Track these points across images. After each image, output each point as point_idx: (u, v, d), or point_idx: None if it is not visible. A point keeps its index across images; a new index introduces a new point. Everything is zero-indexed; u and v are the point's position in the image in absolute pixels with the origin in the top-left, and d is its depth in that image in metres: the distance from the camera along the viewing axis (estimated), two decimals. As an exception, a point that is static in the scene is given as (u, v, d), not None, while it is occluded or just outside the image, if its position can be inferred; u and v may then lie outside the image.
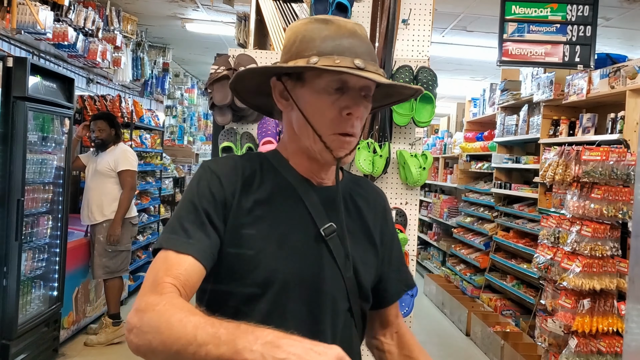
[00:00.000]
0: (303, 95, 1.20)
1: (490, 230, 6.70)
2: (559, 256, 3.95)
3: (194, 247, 1.10)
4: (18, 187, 3.81)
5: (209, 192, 1.17)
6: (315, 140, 1.20)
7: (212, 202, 1.16)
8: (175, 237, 1.11)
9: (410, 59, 3.00)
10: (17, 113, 3.80)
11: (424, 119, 2.90)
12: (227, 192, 1.18)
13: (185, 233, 1.11)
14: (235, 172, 1.22)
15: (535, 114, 5.63)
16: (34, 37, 4.90)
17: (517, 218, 6.14)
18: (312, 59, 1.15)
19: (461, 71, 9.36)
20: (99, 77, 7.31)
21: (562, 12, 4.67)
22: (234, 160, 1.26)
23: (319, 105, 1.18)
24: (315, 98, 1.18)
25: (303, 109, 1.20)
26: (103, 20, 6.10)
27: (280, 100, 1.25)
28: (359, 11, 3.00)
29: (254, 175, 1.23)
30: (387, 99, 1.37)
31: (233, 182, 1.20)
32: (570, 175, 3.90)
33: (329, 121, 1.18)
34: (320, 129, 1.19)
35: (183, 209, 1.17)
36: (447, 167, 9.09)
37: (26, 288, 4.14)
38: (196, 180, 1.20)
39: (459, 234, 7.73)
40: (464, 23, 6.47)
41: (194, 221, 1.14)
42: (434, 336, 6.04)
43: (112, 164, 4.99)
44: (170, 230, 1.14)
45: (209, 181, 1.18)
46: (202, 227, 1.13)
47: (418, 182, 2.91)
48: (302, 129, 1.22)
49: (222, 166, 1.22)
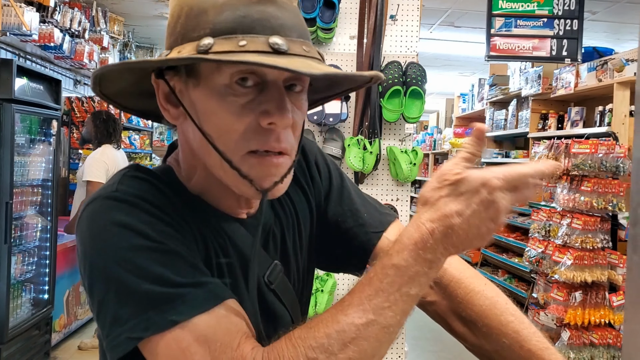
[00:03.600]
0: (199, 98, 0.80)
1: (481, 225, 6.72)
2: (550, 249, 3.97)
3: (217, 288, 0.77)
4: (6, 190, 3.77)
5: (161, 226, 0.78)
6: (223, 167, 0.80)
7: (178, 239, 0.78)
8: (177, 302, 0.72)
9: (399, 54, 3.00)
10: (4, 115, 3.76)
11: (413, 115, 2.90)
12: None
13: (189, 287, 0.74)
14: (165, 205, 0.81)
15: (524, 109, 5.66)
16: (19, 39, 4.85)
17: (508, 212, 6.16)
18: (204, 41, 0.75)
19: (449, 67, 9.38)
20: (87, 78, 7.26)
21: (549, 6, 4.69)
22: (154, 186, 0.83)
23: (223, 113, 0.78)
24: (215, 102, 0.78)
25: (200, 120, 0.80)
26: (89, 21, 6.06)
27: (167, 107, 0.84)
28: (347, 7, 2.99)
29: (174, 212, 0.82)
30: (335, 88, 0.96)
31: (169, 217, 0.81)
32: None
33: (239, 136, 0.78)
34: (229, 149, 0.79)
35: (143, 266, 0.74)
36: (437, 163, 9.12)
37: (16, 291, 4.10)
38: (126, 221, 0.76)
39: (450, 230, 7.75)
40: (452, 19, 6.48)
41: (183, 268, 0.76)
42: (427, 331, 6.04)
43: (80, 172, 4.65)
44: (151, 303, 0.72)
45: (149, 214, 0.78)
46: (197, 271, 0.78)
47: (409, 178, 2.91)
48: (202, 150, 0.82)
49: (147, 193, 0.80)
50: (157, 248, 0.75)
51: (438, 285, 1.01)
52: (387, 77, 2.87)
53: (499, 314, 0.96)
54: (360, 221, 1.04)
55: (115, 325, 0.73)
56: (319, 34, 2.89)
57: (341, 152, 2.89)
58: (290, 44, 0.76)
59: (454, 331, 1.01)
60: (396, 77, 2.87)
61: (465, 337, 0.99)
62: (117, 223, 0.75)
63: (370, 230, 1.04)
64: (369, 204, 1.09)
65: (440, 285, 1.01)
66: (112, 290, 0.73)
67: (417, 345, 4.81)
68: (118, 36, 6.85)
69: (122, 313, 0.72)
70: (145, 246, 0.74)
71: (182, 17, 0.79)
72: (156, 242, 0.75)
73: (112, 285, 0.73)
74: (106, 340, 0.74)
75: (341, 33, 3.00)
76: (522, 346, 0.92)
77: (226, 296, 0.76)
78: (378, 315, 0.70)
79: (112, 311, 0.73)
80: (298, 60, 0.75)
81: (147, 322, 0.71)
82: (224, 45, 0.74)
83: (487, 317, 0.96)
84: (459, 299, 0.99)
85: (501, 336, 0.94)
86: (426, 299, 1.02)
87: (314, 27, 2.86)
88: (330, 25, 2.88)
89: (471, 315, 0.97)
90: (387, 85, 2.85)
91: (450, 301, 1.00)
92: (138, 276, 0.72)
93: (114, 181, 0.83)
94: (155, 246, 0.75)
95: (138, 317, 0.71)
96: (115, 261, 0.73)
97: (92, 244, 0.77)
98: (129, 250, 0.74)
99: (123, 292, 0.72)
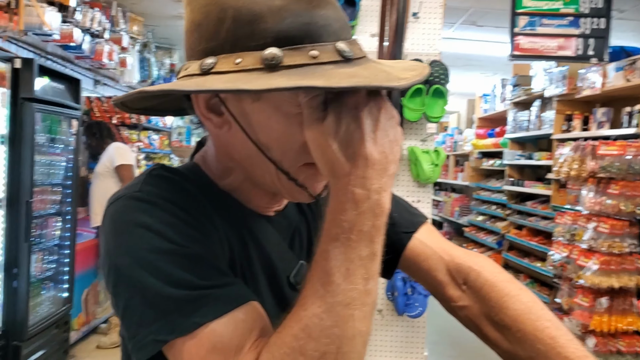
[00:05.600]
0: (256, 111, 0.75)
1: (502, 228, 6.62)
2: (575, 254, 3.88)
3: (239, 290, 0.74)
4: (26, 189, 3.79)
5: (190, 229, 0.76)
6: (279, 177, 0.79)
7: (200, 241, 0.76)
8: (199, 304, 0.71)
9: (421, 53, 2.93)
10: (25, 114, 3.77)
11: (435, 114, 2.84)
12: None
13: (208, 289, 0.72)
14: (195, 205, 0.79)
15: (548, 109, 5.56)
16: (40, 39, 4.87)
17: (530, 215, 6.06)
18: (270, 51, 0.68)
19: (471, 67, 9.27)
20: (106, 78, 7.29)
21: (575, 4, 4.58)
22: (179, 185, 0.80)
23: (285, 127, 0.74)
24: (279, 117, 0.74)
25: (255, 132, 0.76)
26: (109, 21, 6.07)
27: (209, 115, 0.79)
28: (368, 5, 2.94)
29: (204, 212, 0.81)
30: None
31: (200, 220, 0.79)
32: (585, 171, 3.83)
33: (298, 149, 0.76)
34: (285, 160, 0.77)
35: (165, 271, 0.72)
36: (458, 165, 9.01)
37: (36, 290, 4.12)
38: (150, 222, 0.74)
39: (471, 233, 7.66)
40: (474, 18, 6.39)
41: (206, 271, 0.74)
42: (447, 336, 5.96)
43: (108, 163, 4.99)
44: (175, 306, 0.71)
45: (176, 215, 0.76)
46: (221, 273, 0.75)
47: (430, 179, 2.85)
48: (252, 160, 0.79)
49: (172, 194, 0.78)
50: (179, 251, 0.73)
51: (470, 289, 0.97)
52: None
53: (535, 319, 0.91)
54: (391, 221, 1.00)
55: (140, 327, 0.72)
56: (339, 32, 2.84)
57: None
58: (351, 47, 0.72)
59: (486, 337, 0.96)
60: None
61: (498, 342, 0.94)
62: (139, 224, 0.74)
63: (401, 230, 1.01)
64: (399, 204, 1.05)
65: (473, 289, 0.97)
66: (136, 293, 0.72)
67: (436, 350, 4.73)
68: (137, 36, 6.87)
69: (147, 316, 0.71)
70: (167, 249, 0.72)
71: (227, 21, 0.71)
72: (178, 244, 0.73)
73: (136, 288, 0.72)
74: (132, 342, 0.73)
75: (362, 31, 2.95)
76: (559, 353, 0.87)
77: (248, 298, 0.74)
78: (335, 295, 0.66)
79: (138, 314, 0.72)
80: (371, 68, 0.71)
81: (172, 324, 0.70)
82: (294, 57, 0.68)
83: (522, 322, 0.91)
84: (492, 303, 0.94)
85: (536, 342, 0.89)
86: (457, 302, 0.98)
87: (334, 25, 2.81)
88: (351, 24, 2.83)
89: (505, 320, 0.92)
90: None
91: (483, 305, 0.95)
92: (161, 279, 0.71)
93: (138, 180, 0.81)
94: (177, 249, 0.73)
95: (163, 319, 0.71)
96: (138, 263, 0.72)
97: (114, 245, 0.75)
98: (151, 252, 0.72)
99: (147, 295, 0.71)
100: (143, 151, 6.78)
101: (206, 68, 0.71)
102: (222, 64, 0.70)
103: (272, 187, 0.82)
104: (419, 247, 1.00)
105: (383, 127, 0.70)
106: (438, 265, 0.99)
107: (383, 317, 2.90)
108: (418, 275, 1.02)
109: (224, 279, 0.74)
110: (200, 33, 0.74)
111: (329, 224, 0.69)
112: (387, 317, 2.90)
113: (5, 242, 3.71)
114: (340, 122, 0.68)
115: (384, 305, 2.89)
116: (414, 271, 1.02)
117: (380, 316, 2.90)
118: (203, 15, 0.73)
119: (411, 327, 2.89)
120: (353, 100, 0.69)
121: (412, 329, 2.89)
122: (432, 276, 1.00)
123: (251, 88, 0.66)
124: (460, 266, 0.98)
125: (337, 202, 0.69)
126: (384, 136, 0.70)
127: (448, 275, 0.99)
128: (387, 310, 2.89)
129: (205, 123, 0.81)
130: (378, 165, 0.68)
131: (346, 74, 0.67)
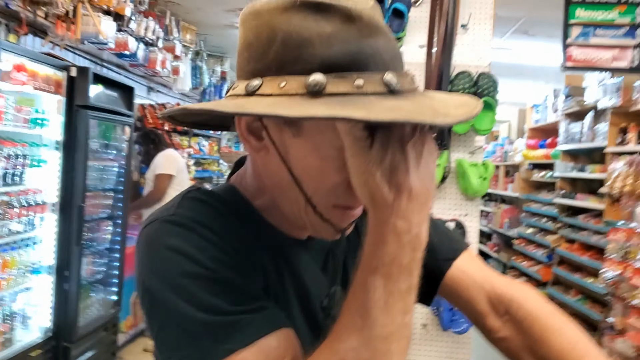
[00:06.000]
0: (295, 146, 0.75)
1: (552, 242, 6.45)
2: (628, 272, 3.74)
3: (272, 316, 0.73)
4: (79, 194, 3.90)
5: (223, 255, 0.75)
6: (306, 210, 0.78)
7: (232, 266, 0.75)
8: (232, 330, 0.70)
9: (469, 65, 2.89)
10: (79, 121, 3.89)
11: (484, 127, 2.79)
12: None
13: (241, 315, 0.71)
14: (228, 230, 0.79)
15: (601, 121, 5.39)
16: (96, 47, 5.03)
17: (582, 230, 5.88)
18: (314, 77, 0.67)
19: (522, 76, 9.10)
20: (160, 85, 7.47)
21: (631, 14, 4.44)
22: (214, 209, 0.81)
23: (322, 166, 0.74)
24: (315, 158, 0.74)
25: (291, 164, 0.76)
26: (163, 30, 6.22)
27: (249, 138, 0.79)
28: (416, 16, 2.92)
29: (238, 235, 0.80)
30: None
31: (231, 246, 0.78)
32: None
33: (330, 189, 0.76)
34: (317, 196, 0.77)
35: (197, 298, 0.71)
36: (508, 176, 8.83)
37: (86, 292, 4.23)
38: (185, 246, 0.74)
39: (520, 246, 7.48)
40: (525, 27, 6.27)
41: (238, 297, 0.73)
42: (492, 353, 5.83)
43: (151, 172, 5.12)
44: (206, 331, 0.70)
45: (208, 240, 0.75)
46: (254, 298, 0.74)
47: (478, 193, 2.80)
48: (283, 188, 0.79)
49: (206, 217, 0.78)
50: (211, 276, 0.72)
51: (512, 320, 0.94)
52: (457, 88, 2.78)
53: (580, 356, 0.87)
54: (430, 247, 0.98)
55: (173, 351, 0.72)
56: (387, 43, 2.83)
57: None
58: (400, 79, 0.70)
59: None
60: (466, 88, 2.78)
61: None
62: (172, 248, 0.74)
63: (440, 258, 0.98)
64: (439, 229, 1.02)
65: (515, 320, 0.93)
66: (169, 317, 0.73)
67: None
68: (190, 45, 7.00)
69: (179, 340, 0.72)
70: (199, 274, 0.72)
71: (276, 44, 0.70)
72: (210, 269, 0.72)
73: (169, 312, 0.72)
74: None
75: (410, 42, 2.93)
76: None
77: (280, 324, 0.73)
78: (374, 328, 0.65)
79: (171, 338, 0.73)
80: (417, 102, 0.69)
81: (203, 350, 0.70)
82: (339, 85, 0.67)
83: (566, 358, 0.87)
84: (535, 337, 0.90)
85: None
86: (498, 334, 0.95)
87: (382, 37, 2.80)
88: (399, 35, 2.81)
89: (548, 356, 0.89)
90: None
91: (525, 338, 0.92)
92: (192, 304, 0.71)
93: (173, 203, 0.81)
94: (209, 274, 0.72)
95: (194, 345, 0.70)
96: (170, 288, 0.72)
97: (147, 268, 0.76)
98: (183, 277, 0.72)
99: (179, 320, 0.71)
100: (193, 157, 6.91)
101: (251, 89, 0.71)
102: (266, 87, 0.70)
103: (297, 218, 0.81)
104: (458, 276, 0.98)
105: (426, 161, 0.69)
106: (479, 295, 0.97)
107: (428, 332, 2.86)
108: (458, 304, 1.00)
109: (256, 304, 0.73)
110: (250, 53, 0.74)
111: (368, 255, 0.68)
112: (432, 332, 2.85)
113: (57, 246, 3.83)
114: (386, 152, 0.67)
115: (429, 319, 2.85)
116: (454, 300, 1.00)
117: (425, 330, 2.86)
118: (254, 36, 0.73)
119: (456, 342, 2.84)
120: (399, 132, 0.68)
121: (457, 344, 2.84)
122: (472, 306, 0.97)
123: (289, 115, 0.65)
124: (502, 296, 0.95)
125: (377, 234, 0.68)
126: (426, 170, 0.69)
127: (489, 305, 0.96)
128: (432, 325, 2.85)
129: (244, 144, 0.81)
130: (420, 198, 0.68)
131: (389, 107, 0.66)
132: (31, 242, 3.67)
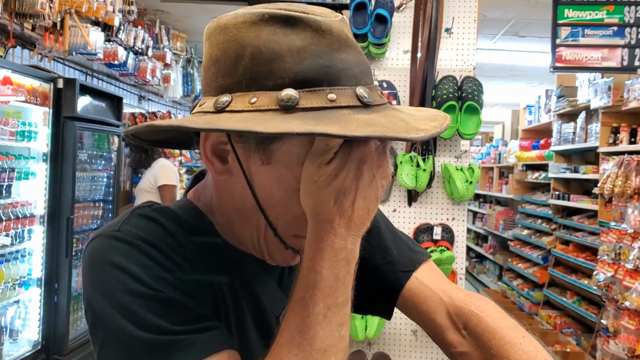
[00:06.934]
0: (259, 174, 0.74)
1: (548, 243, 6.43)
2: (620, 274, 3.72)
3: (216, 337, 0.71)
4: (67, 205, 3.88)
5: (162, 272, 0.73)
6: (266, 235, 0.79)
7: (176, 285, 0.73)
8: (173, 350, 0.68)
9: (454, 68, 2.88)
10: (67, 132, 3.87)
11: (469, 131, 2.78)
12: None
13: (183, 334, 0.70)
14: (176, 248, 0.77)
15: (594, 121, 5.38)
16: (86, 58, 5.02)
17: (577, 231, 5.86)
18: (286, 92, 0.66)
19: (515, 77, 9.10)
20: (151, 94, 7.46)
21: (619, 14, 4.44)
22: (161, 226, 0.78)
23: (285, 198, 0.74)
24: (279, 189, 0.74)
25: (257, 192, 0.74)
26: (153, 39, 6.21)
27: (213, 160, 0.76)
28: (400, 22, 2.91)
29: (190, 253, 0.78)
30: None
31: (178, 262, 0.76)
32: (630, 188, 3.68)
33: (293, 219, 0.75)
34: (278, 225, 0.76)
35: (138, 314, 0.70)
36: (502, 177, 8.82)
37: (77, 304, 4.21)
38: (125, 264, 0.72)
39: (516, 247, 7.46)
40: (516, 28, 6.27)
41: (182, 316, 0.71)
42: None
43: (152, 181, 5.06)
44: (148, 350, 0.69)
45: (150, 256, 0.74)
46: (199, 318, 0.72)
47: (464, 197, 2.79)
48: (244, 213, 0.78)
49: (152, 235, 0.76)
50: (153, 295, 0.70)
51: (471, 335, 0.91)
52: (441, 92, 2.77)
53: None
54: (389, 258, 0.97)
55: None
56: (370, 49, 2.82)
57: (393, 169, 2.80)
58: (371, 93, 0.70)
59: None
60: (451, 92, 2.76)
61: None
62: (115, 265, 0.72)
63: (399, 269, 0.97)
64: (400, 240, 1.01)
65: (474, 335, 0.91)
66: (110, 334, 0.71)
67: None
68: (181, 52, 7.00)
69: (120, 358, 0.70)
70: (141, 292, 0.70)
71: (245, 59, 0.69)
72: (152, 288, 0.71)
73: (109, 330, 0.71)
74: None
75: (394, 48, 2.92)
76: None
77: (225, 346, 0.71)
78: (313, 342, 0.66)
79: (112, 355, 0.71)
80: (389, 116, 0.69)
81: None
82: (312, 99, 0.66)
83: None
84: (493, 351, 0.88)
85: None
86: (457, 348, 0.92)
87: (365, 43, 2.79)
88: (382, 41, 2.80)
89: None
90: (441, 100, 2.75)
91: (483, 353, 0.89)
92: (133, 322, 0.69)
93: (120, 219, 0.79)
94: (151, 293, 0.70)
95: None
96: (112, 305, 0.70)
97: (90, 283, 0.74)
98: (125, 294, 0.70)
99: (120, 337, 0.70)
100: (184, 165, 6.90)
101: (221, 106, 0.69)
102: (236, 103, 0.68)
103: (253, 243, 0.81)
104: (418, 288, 0.95)
105: (375, 186, 0.70)
106: (437, 308, 0.94)
107: (417, 339, 2.84)
108: (417, 317, 0.97)
109: (201, 324, 0.71)
110: (217, 69, 0.72)
111: (306, 270, 0.69)
112: (421, 339, 2.84)
113: (45, 258, 3.81)
114: (342, 170, 0.67)
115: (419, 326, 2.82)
116: (413, 313, 0.97)
117: (415, 337, 2.84)
118: (222, 51, 0.71)
119: (445, 349, 2.82)
120: (360, 152, 0.68)
121: (447, 350, 2.82)
122: (431, 319, 0.94)
123: (263, 130, 0.62)
124: (461, 309, 0.92)
125: (316, 250, 0.69)
126: (373, 195, 0.70)
127: (448, 319, 0.93)
128: (421, 331, 2.83)
129: (206, 165, 0.77)
130: (359, 220, 0.69)
131: (363, 121, 0.65)
132: (20, 254, 3.64)
